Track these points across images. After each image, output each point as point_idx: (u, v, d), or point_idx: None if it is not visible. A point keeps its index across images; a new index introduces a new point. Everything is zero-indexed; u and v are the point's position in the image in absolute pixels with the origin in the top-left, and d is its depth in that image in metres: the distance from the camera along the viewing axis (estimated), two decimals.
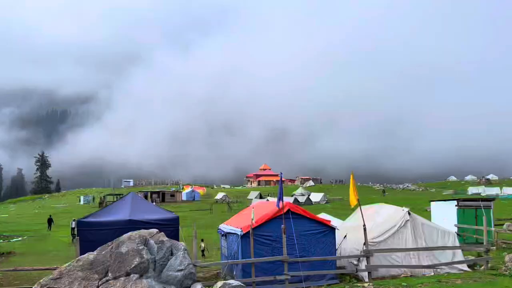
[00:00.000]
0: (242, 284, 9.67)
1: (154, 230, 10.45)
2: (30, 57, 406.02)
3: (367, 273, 14.69)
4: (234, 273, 15.08)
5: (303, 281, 13.98)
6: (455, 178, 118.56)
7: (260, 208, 16.03)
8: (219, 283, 9.56)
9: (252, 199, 76.01)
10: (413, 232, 15.76)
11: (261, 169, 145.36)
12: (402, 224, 15.76)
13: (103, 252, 9.12)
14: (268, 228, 14.89)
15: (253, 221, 14.31)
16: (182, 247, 10.35)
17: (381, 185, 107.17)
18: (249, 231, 14.54)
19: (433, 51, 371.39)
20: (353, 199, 15.34)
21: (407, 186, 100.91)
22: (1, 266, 26.16)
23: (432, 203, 26.54)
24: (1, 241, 36.13)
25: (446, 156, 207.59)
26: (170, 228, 13.62)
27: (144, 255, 8.98)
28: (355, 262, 16.07)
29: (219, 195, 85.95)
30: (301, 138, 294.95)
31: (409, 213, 16.08)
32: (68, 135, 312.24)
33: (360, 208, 15.28)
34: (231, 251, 15.90)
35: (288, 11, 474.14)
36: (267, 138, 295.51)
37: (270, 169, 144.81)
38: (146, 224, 14.03)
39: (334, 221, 18.77)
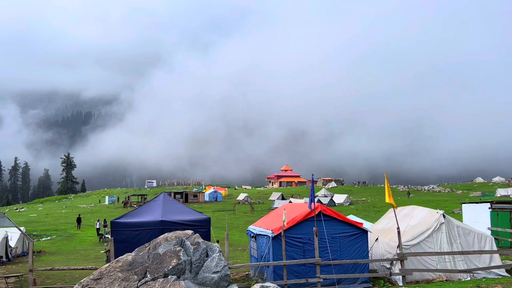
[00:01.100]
0: (278, 287, 9.54)
1: (190, 231, 10.42)
2: (56, 60, 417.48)
3: (401, 277, 14.37)
4: (265, 275, 14.98)
5: (336, 284, 13.77)
6: (482, 180, 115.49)
7: (290, 209, 15.89)
8: (256, 286, 9.44)
9: (274, 200, 75.88)
10: (448, 235, 15.34)
11: (282, 170, 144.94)
12: (437, 227, 15.35)
13: (140, 253, 9.14)
14: (299, 230, 14.75)
15: (285, 223, 14.19)
16: (217, 249, 10.29)
17: (406, 187, 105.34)
18: (280, 233, 14.43)
19: (459, 48, 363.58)
20: (389, 200, 15.00)
21: (432, 188, 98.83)
22: (35, 266, 26.82)
23: (463, 205, 25.84)
24: (31, 240, 36.94)
25: (472, 157, 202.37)
26: (202, 229, 13.63)
27: (181, 257, 8.95)
28: (388, 266, 15.76)
29: (241, 196, 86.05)
30: (320, 138, 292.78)
31: (443, 216, 15.67)
32: (91, 136, 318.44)
33: (394, 211, 14.96)
34: (261, 253, 15.80)
35: (306, 10, 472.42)
36: (286, 138, 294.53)
37: (291, 170, 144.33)
38: (178, 225, 14.09)
39: (364, 224, 18.46)
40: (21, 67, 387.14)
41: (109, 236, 37.66)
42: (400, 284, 14.40)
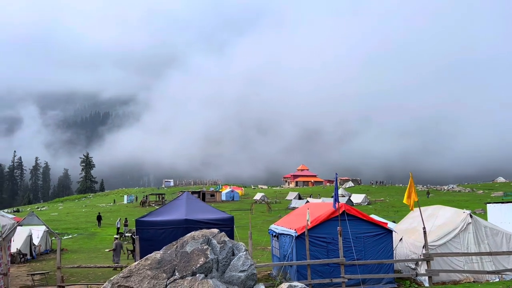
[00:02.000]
0: (306, 286, 9.48)
1: (216, 230, 10.43)
2: (76, 61, 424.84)
3: (427, 277, 14.14)
4: (288, 274, 14.91)
5: (361, 284, 13.62)
6: (504, 179, 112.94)
7: (314, 209, 15.77)
8: (284, 285, 9.39)
9: (291, 200, 75.65)
10: (475, 236, 15.02)
11: (298, 170, 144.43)
12: (464, 227, 15.05)
13: (168, 252, 9.18)
14: (322, 230, 14.64)
15: (309, 222, 14.09)
16: (244, 248, 10.26)
17: (425, 186, 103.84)
18: (303, 232, 14.35)
19: (479, 42, 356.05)
20: (410, 200, 14.78)
21: (452, 188, 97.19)
22: (55, 264, 27.28)
23: (488, 205, 25.25)
24: (53, 238, 37.61)
25: (492, 155, 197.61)
26: (225, 228, 13.61)
27: (209, 255, 8.96)
28: (413, 266, 15.53)
29: (258, 196, 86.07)
30: (335, 137, 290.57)
31: (470, 216, 15.35)
32: (108, 136, 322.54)
33: (420, 210, 14.71)
34: (284, 252, 15.73)
35: (319, 7, 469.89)
36: (300, 137, 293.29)
37: (307, 170, 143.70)
38: (202, 224, 14.12)
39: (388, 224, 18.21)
40: (42, 69, 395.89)
41: (129, 235, 38.10)
42: (426, 285, 14.17)
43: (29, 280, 19.40)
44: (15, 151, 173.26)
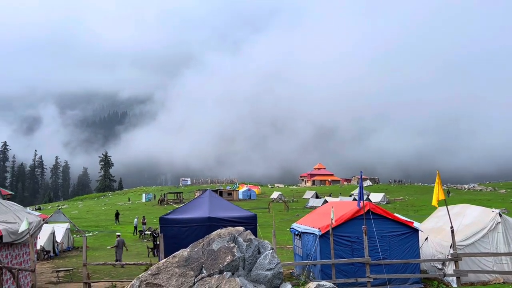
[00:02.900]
0: (335, 286, 9.31)
1: (241, 228, 10.36)
2: (94, 62, 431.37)
3: (455, 278, 13.80)
4: (311, 273, 14.75)
5: (387, 283, 13.38)
6: None
7: (337, 207, 15.57)
8: (312, 284, 9.25)
9: (308, 199, 75.29)
10: (505, 236, 14.60)
11: (315, 168, 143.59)
12: (493, 227, 14.64)
13: (195, 249, 9.14)
14: (347, 229, 14.43)
15: (333, 221, 13.90)
16: (269, 246, 10.17)
17: (445, 186, 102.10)
18: (327, 231, 14.17)
19: (498, 34, 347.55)
20: (436, 199, 14.43)
21: (473, 187, 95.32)
22: (77, 261, 27.67)
23: None
24: (75, 236, 38.19)
25: None
26: (249, 226, 13.52)
27: (236, 253, 8.89)
28: (439, 266, 15.21)
29: (275, 194, 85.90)
30: (350, 135, 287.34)
31: (500, 215, 14.93)
32: (124, 135, 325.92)
33: (448, 209, 14.37)
34: (307, 251, 15.57)
35: (334, 4, 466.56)
36: (314, 135, 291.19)
37: (324, 168, 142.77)
38: (225, 222, 14.07)
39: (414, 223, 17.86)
40: (62, 70, 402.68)
41: (148, 233, 38.36)
42: (454, 285, 13.85)
43: (54, 277, 19.69)
44: (36, 150, 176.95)
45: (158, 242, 29.08)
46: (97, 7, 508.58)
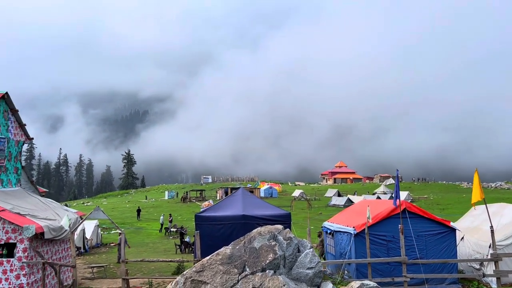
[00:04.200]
0: (378, 286, 9.22)
1: (280, 226, 10.36)
2: (116, 62, 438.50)
3: (495, 278, 13.48)
4: (345, 272, 14.64)
5: (425, 283, 13.18)
6: None
7: (372, 206, 15.39)
8: (355, 283, 9.18)
9: (331, 197, 74.84)
10: None
11: (336, 166, 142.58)
12: None
13: (237, 247, 9.18)
14: (382, 228, 14.27)
15: (369, 220, 13.76)
16: (309, 245, 10.14)
17: (469, 184, 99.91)
18: (363, 230, 14.04)
19: None
20: (475, 197, 14.10)
21: (500, 185, 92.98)
22: (107, 257, 28.20)
23: None
24: (102, 233, 38.86)
25: None
26: (283, 224, 13.50)
27: (277, 252, 8.90)
28: (477, 266, 14.90)
29: (296, 192, 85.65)
30: (368, 132, 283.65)
31: None
32: (145, 134, 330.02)
33: (487, 208, 14.04)
34: (341, 250, 15.47)
35: (352, 1, 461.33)
36: (332, 133, 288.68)
37: (346, 166, 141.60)
38: (259, 220, 14.10)
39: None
40: (85, 69, 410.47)
41: (174, 230, 38.77)
42: (494, 286, 13.54)
43: (87, 273, 20.11)
44: (60, 149, 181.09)
45: (185, 239, 29.45)
46: (119, 8, 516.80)
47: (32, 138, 16.64)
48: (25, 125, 16.15)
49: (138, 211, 52.37)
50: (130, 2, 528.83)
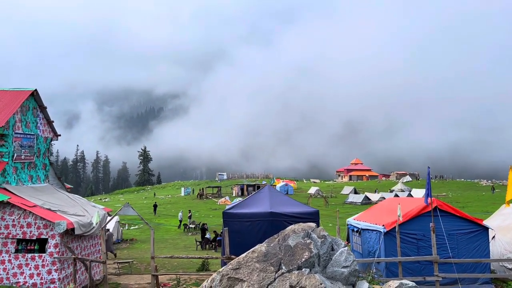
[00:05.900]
0: (417, 286, 9.03)
1: (313, 224, 10.22)
2: (132, 60, 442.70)
3: None
4: (374, 271, 14.43)
5: (458, 283, 12.90)
6: None
7: (401, 204, 15.13)
8: (393, 283, 9.00)
9: (347, 194, 74.33)
10: None
11: (352, 163, 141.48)
12: None
13: (271, 244, 9.08)
14: (412, 226, 14.02)
15: (400, 218, 13.52)
16: (343, 243, 9.98)
17: (489, 181, 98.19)
18: (393, 228, 13.81)
19: None
20: (510, 195, 13.76)
21: None
22: (128, 253, 28.44)
23: None
24: (122, 228, 39.21)
25: None
26: (311, 222, 13.40)
27: (313, 250, 8.78)
28: (509, 266, 14.55)
29: (312, 190, 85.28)
30: (379, 130, 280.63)
31: None
32: (158, 130, 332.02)
33: None
34: (369, 248, 15.25)
35: None
36: (344, 129, 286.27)
37: (362, 164, 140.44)
38: (287, 217, 14.00)
39: None
40: (101, 67, 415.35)
41: (193, 226, 38.89)
42: None
43: (112, 268, 20.26)
44: (78, 145, 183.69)
45: (207, 236, 29.48)
46: (134, 7, 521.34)
47: (59, 135, 16.79)
48: (53, 122, 16.30)
49: (155, 206, 53.32)
50: (145, 1, 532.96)
